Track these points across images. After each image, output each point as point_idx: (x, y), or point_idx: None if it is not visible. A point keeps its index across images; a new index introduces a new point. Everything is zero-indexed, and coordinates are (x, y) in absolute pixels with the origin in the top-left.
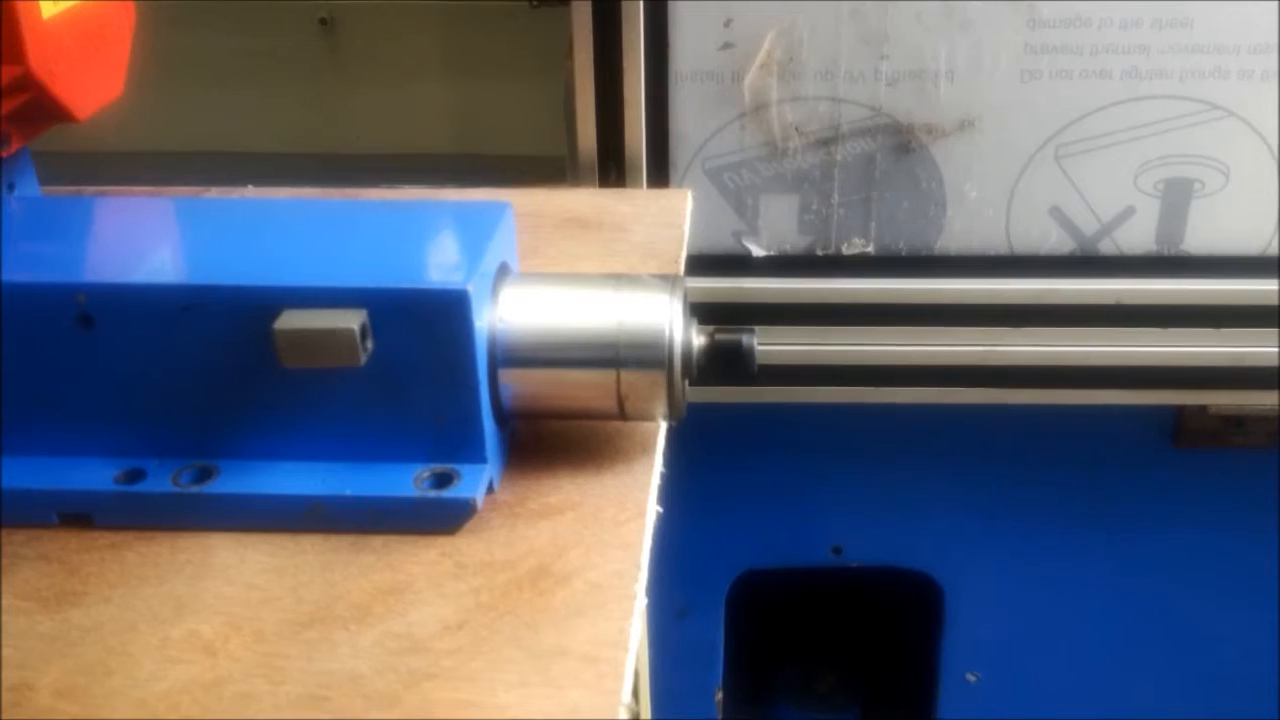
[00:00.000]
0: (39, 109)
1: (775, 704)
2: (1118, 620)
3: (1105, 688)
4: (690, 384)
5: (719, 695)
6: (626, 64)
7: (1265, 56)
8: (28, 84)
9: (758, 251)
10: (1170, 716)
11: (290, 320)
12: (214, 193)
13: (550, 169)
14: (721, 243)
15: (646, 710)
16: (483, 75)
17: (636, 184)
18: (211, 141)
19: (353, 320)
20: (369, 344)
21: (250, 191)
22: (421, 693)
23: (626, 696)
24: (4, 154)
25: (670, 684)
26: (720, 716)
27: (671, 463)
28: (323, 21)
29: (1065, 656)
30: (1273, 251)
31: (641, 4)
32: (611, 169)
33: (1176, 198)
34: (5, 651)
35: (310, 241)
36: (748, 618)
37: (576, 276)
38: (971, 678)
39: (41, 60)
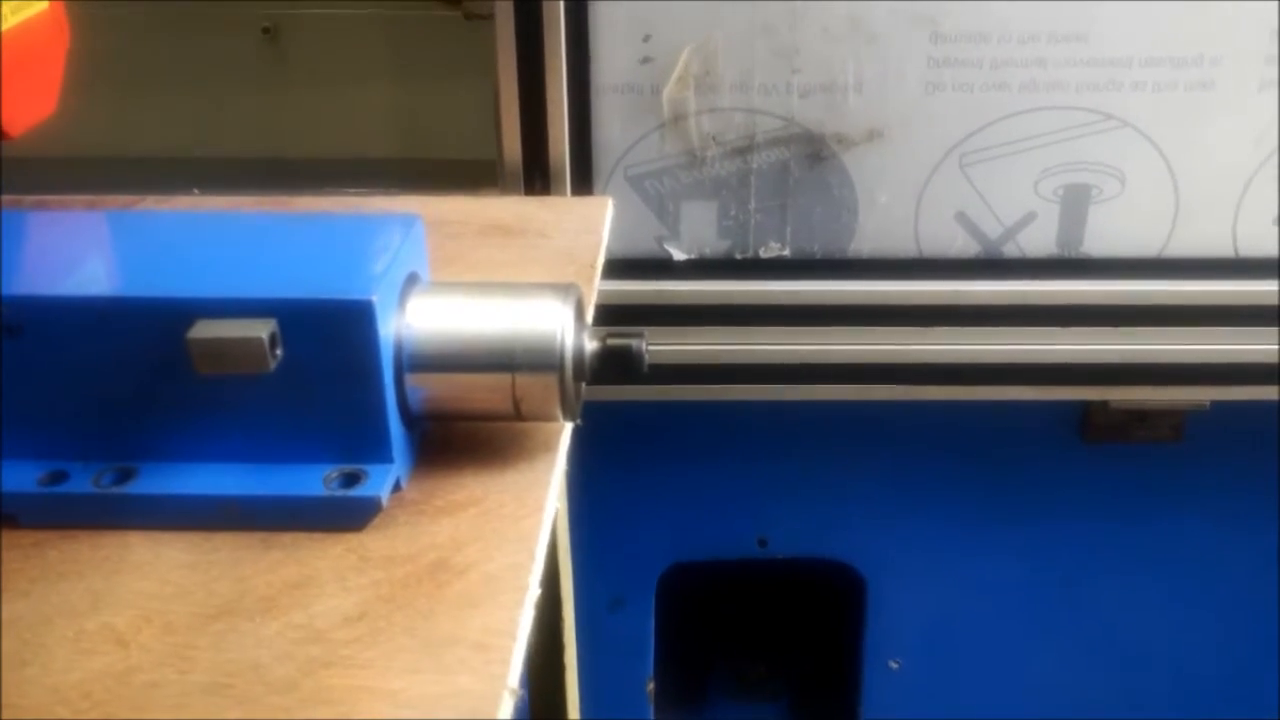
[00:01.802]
0: None
1: (706, 694)
2: (1030, 606)
3: (1019, 671)
4: (585, 385)
5: (650, 686)
6: (549, 77)
7: (1157, 69)
8: None
9: (679, 255)
10: (1079, 695)
11: (203, 330)
12: (153, 199)
13: (486, 172)
14: (644, 247)
15: (575, 704)
16: (422, 82)
17: (561, 191)
18: (154, 146)
19: (262, 329)
20: (279, 351)
21: (194, 196)
22: (318, 679)
23: (513, 682)
24: None
25: (602, 677)
26: (652, 707)
27: (601, 459)
28: (265, 30)
29: (982, 642)
30: (1167, 253)
31: (562, 18)
32: (536, 177)
33: (1075, 203)
34: None
35: (225, 254)
36: (677, 610)
37: (481, 285)
38: (894, 665)
39: None
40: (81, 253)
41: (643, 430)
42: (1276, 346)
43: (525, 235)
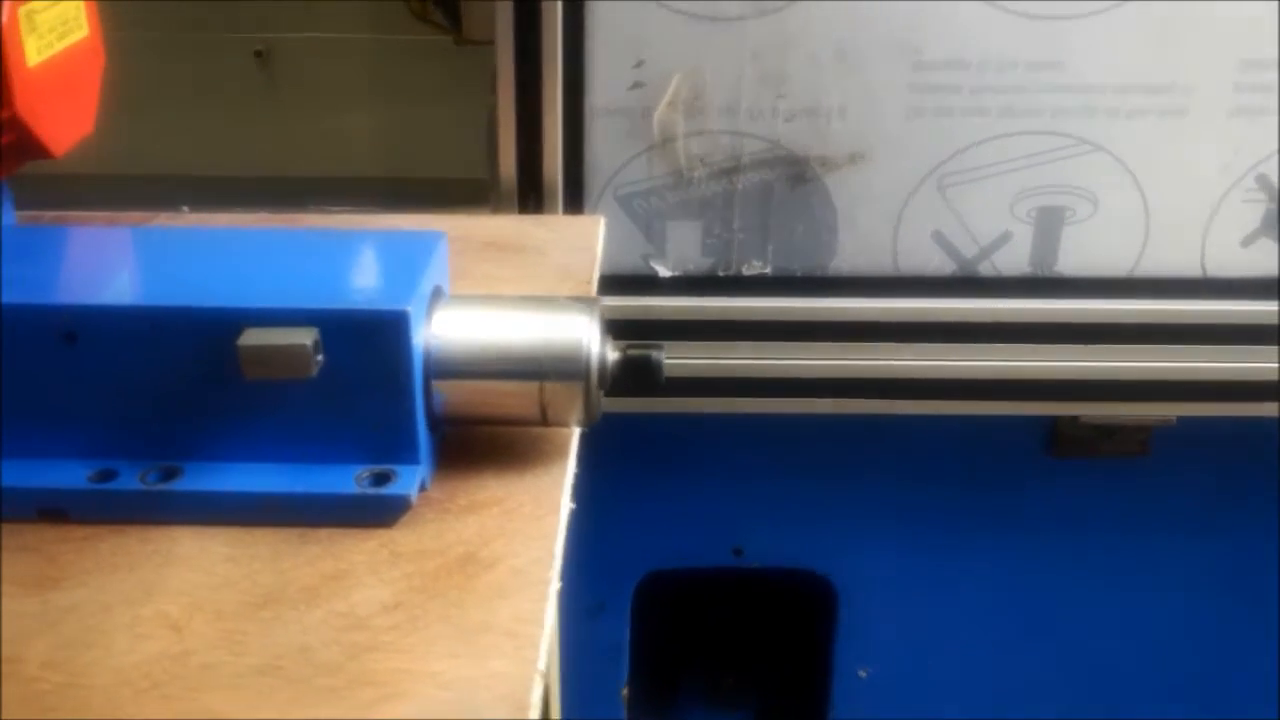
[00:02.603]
0: (21, 147)
1: (678, 701)
2: (998, 618)
3: (986, 681)
4: (604, 394)
5: (625, 693)
6: (545, 100)
7: (1130, 96)
8: (14, 126)
9: (664, 272)
10: (1044, 704)
11: (252, 337)
12: (165, 216)
13: (470, 191)
14: (631, 264)
15: (556, 708)
16: (408, 104)
17: (553, 210)
18: (150, 166)
19: (306, 337)
20: (320, 358)
21: (186, 213)
22: (362, 662)
23: (542, 665)
24: None
25: (579, 683)
26: (626, 714)
27: (582, 468)
28: (258, 53)
29: (950, 652)
30: (1138, 273)
31: (560, 45)
32: (530, 196)
33: (1049, 224)
34: None
35: (267, 266)
36: (653, 618)
37: (504, 298)
38: (863, 674)
39: (26, 104)
40: (131, 265)
41: (623, 441)
42: (1243, 365)
43: (523, 252)
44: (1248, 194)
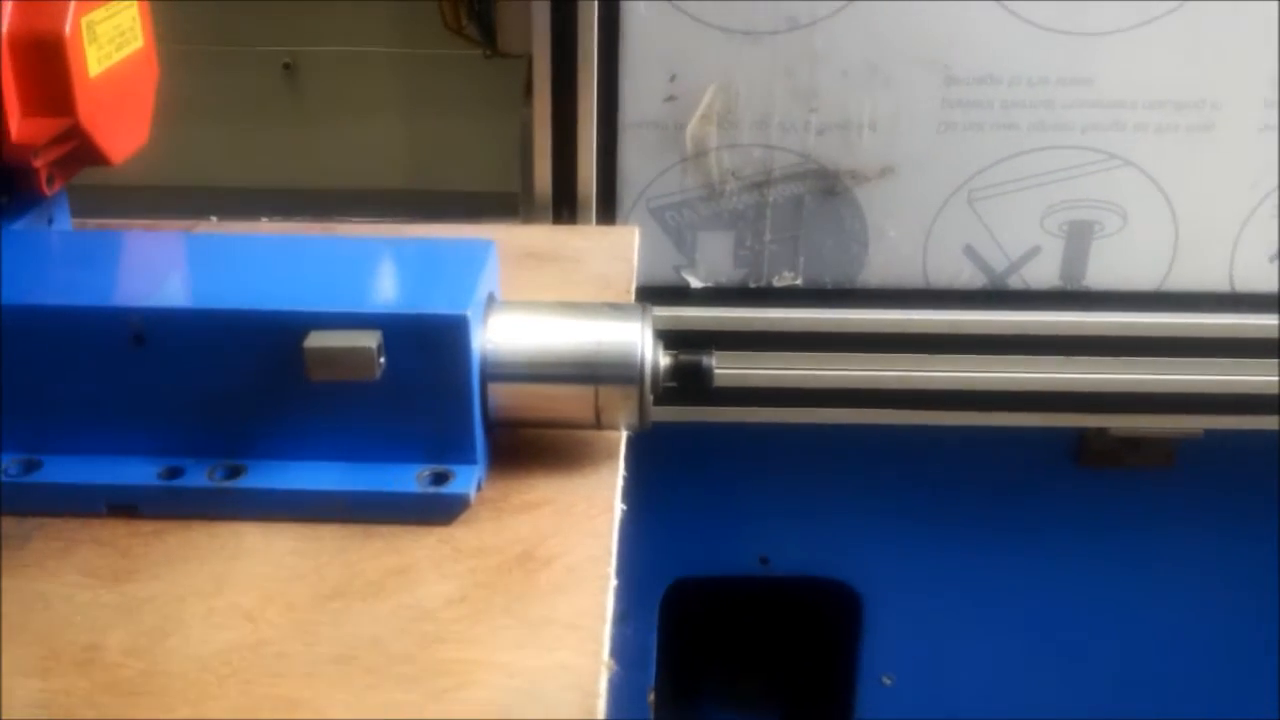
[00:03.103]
0: (82, 155)
1: (703, 706)
2: (1022, 626)
3: (1008, 689)
4: (655, 399)
5: (651, 696)
6: (580, 114)
7: (1158, 111)
8: (76, 134)
9: (695, 283)
10: (1067, 710)
11: (317, 340)
12: (201, 227)
13: (495, 203)
14: (663, 275)
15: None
16: (434, 116)
17: (587, 221)
18: (179, 177)
19: (370, 340)
20: (382, 360)
21: (213, 224)
22: (433, 653)
23: (606, 656)
24: (49, 193)
25: (608, 685)
26: (652, 717)
27: None
28: (286, 66)
29: (974, 660)
30: (1166, 288)
31: (595, 59)
32: (564, 207)
33: (1078, 238)
34: (75, 618)
35: (327, 271)
36: (680, 623)
37: (555, 304)
38: (887, 680)
39: (88, 113)
40: (194, 269)
41: (653, 451)
42: (1270, 378)
43: (560, 261)
44: (1274, 209)
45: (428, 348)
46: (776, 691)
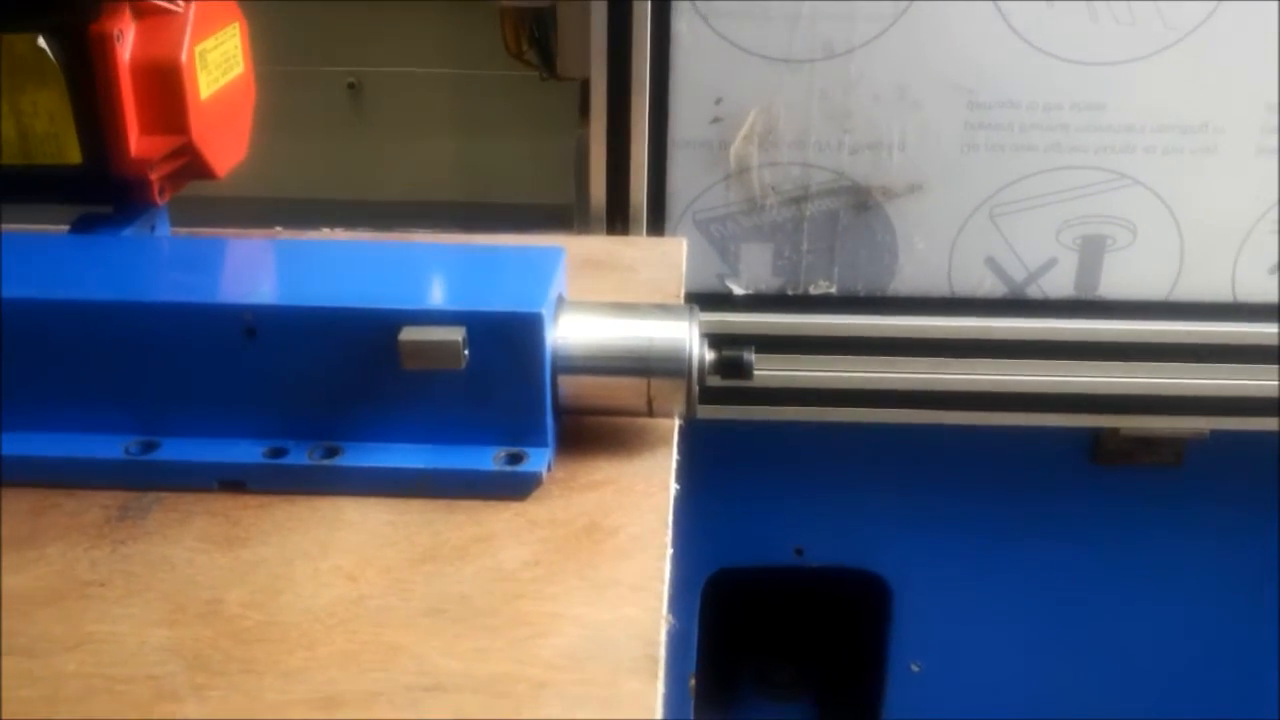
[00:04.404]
0: (191, 169)
1: (740, 691)
2: (1041, 615)
3: (1031, 676)
4: (701, 391)
5: (692, 682)
6: (633, 132)
7: (1165, 134)
8: (187, 150)
9: (737, 290)
10: (1084, 698)
11: (410, 334)
12: (286, 233)
13: (547, 214)
14: (707, 282)
15: None
16: (489, 133)
17: (638, 232)
18: (250, 188)
19: (457, 334)
20: (467, 352)
21: (279, 232)
22: (515, 607)
23: (665, 612)
24: (159, 203)
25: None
26: (693, 700)
27: None
28: (351, 85)
29: (997, 648)
30: (1173, 297)
31: (648, 83)
32: (617, 219)
33: (1092, 251)
34: (197, 578)
35: (417, 274)
36: (719, 611)
37: (615, 305)
38: (915, 668)
39: (199, 132)
40: (296, 270)
41: (696, 446)
42: (1271, 383)
43: (616, 269)
44: (1274, 225)
45: (506, 342)
46: (810, 676)
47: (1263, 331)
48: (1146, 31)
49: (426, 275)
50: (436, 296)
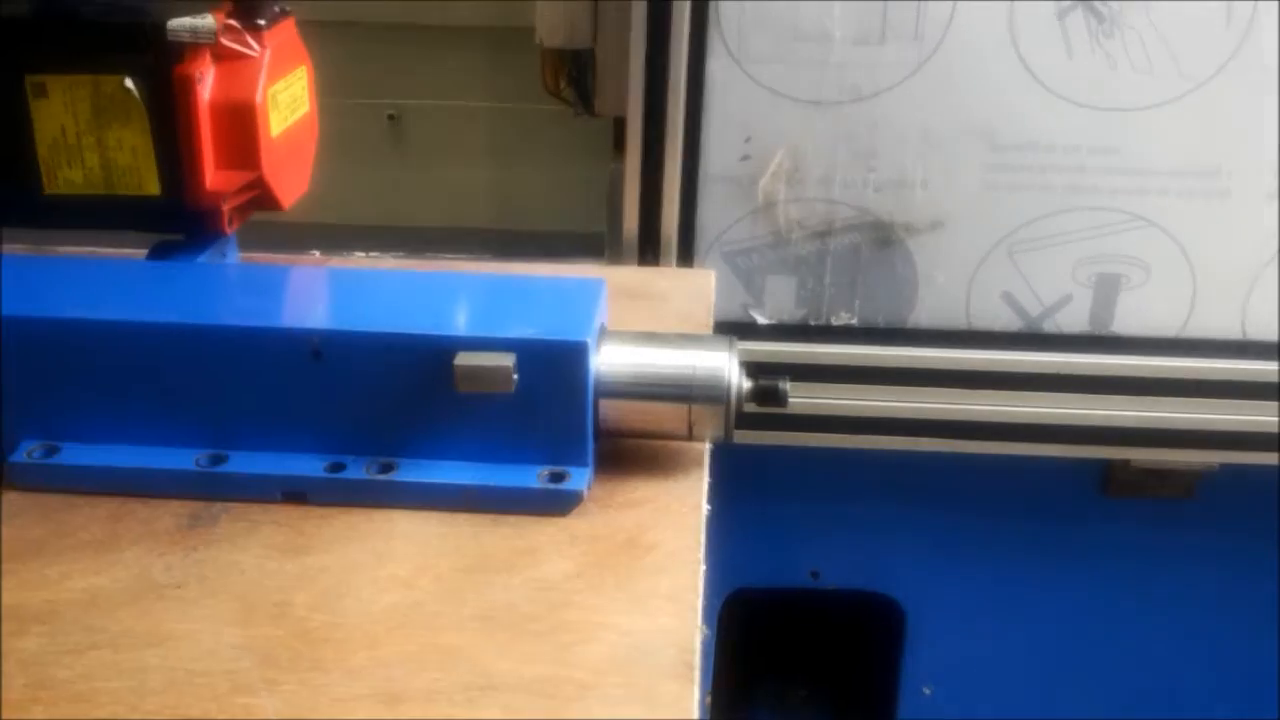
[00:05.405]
0: (258, 201)
1: (754, 710)
2: (1053, 642)
3: (1040, 702)
4: (738, 417)
5: (708, 700)
6: (666, 168)
7: (1179, 178)
8: (258, 184)
9: (762, 320)
10: None
11: (465, 359)
12: (334, 260)
13: (577, 243)
14: (733, 312)
15: None
16: (521, 164)
17: (668, 262)
18: (293, 213)
19: (508, 360)
20: (516, 376)
21: (317, 257)
22: (559, 614)
23: (699, 623)
24: (229, 232)
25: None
26: (708, 717)
27: None
28: (391, 117)
29: (1009, 673)
30: (1185, 335)
31: (682, 122)
32: (649, 250)
33: (1106, 289)
34: (265, 582)
35: (470, 302)
36: (735, 631)
37: (655, 334)
38: (927, 691)
39: (269, 167)
40: (359, 298)
41: (716, 469)
42: (1277, 419)
43: (648, 298)
44: None
45: (553, 368)
46: (823, 696)
47: (1271, 369)
48: (1163, 79)
49: (478, 304)
50: (489, 324)
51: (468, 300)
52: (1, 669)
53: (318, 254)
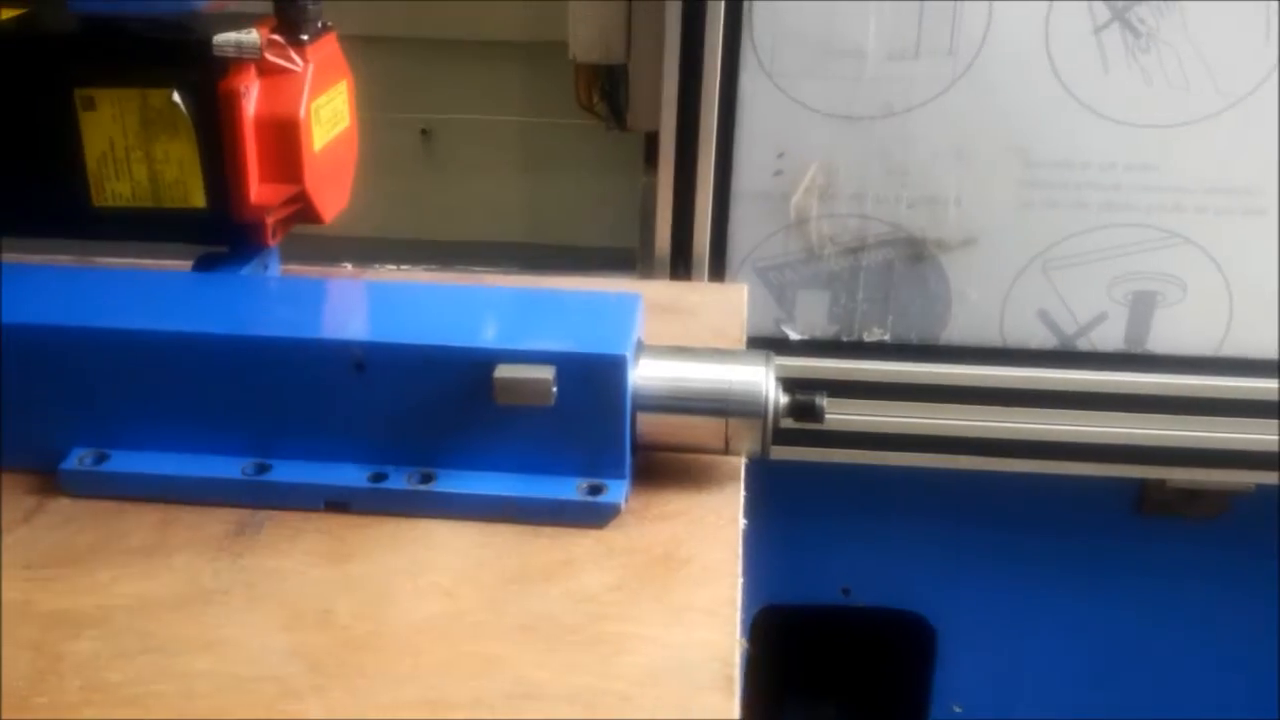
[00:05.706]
0: (301, 215)
1: None
2: (1085, 662)
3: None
4: (774, 432)
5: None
6: (699, 183)
7: (1216, 196)
8: (300, 198)
9: (794, 336)
10: None
11: (505, 371)
12: (369, 273)
13: (608, 257)
14: (765, 327)
15: None
16: (553, 179)
17: (700, 277)
18: (328, 226)
19: (548, 373)
20: (555, 389)
21: (348, 270)
22: (598, 626)
23: (739, 636)
24: (271, 244)
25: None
26: None
27: None
28: (423, 131)
29: (1039, 693)
30: (1221, 354)
31: (715, 137)
32: (681, 264)
33: (1142, 307)
34: (309, 589)
35: (510, 315)
36: (765, 648)
37: (691, 349)
38: (957, 709)
39: (312, 181)
40: (400, 310)
41: (750, 487)
42: None
43: (680, 313)
44: None
45: (591, 381)
46: (853, 714)
47: None
48: (1200, 96)
49: (517, 317)
50: (528, 337)
51: (507, 313)
52: (1, 668)
53: (349, 266)
